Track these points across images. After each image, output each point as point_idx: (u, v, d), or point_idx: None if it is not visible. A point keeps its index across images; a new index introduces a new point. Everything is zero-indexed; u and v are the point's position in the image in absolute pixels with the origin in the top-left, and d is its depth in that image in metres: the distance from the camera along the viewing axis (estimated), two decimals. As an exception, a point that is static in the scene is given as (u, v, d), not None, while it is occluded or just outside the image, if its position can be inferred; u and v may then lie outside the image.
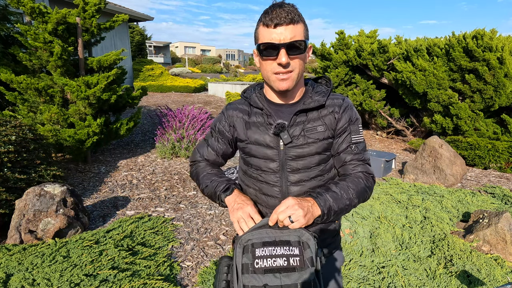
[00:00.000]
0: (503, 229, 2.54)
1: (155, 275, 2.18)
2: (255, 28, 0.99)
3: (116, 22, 4.58)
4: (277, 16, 0.90)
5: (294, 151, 1.02)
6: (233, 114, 1.12)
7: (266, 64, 0.96)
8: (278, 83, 0.97)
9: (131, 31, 18.31)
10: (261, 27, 0.94)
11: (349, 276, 2.26)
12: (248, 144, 1.07)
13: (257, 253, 0.79)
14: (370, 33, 7.22)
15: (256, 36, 0.97)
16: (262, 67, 0.99)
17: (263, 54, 0.94)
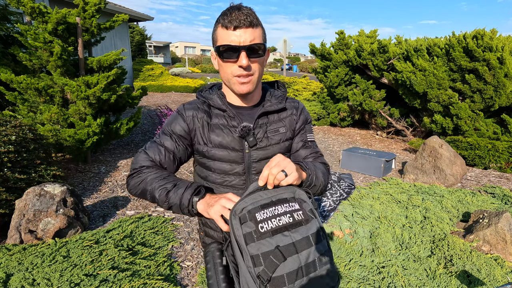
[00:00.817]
0: (503, 229, 2.54)
1: (155, 275, 2.18)
2: (213, 29, 0.97)
3: (116, 22, 4.58)
4: (236, 18, 0.90)
5: (259, 153, 1.03)
6: (194, 114, 1.03)
7: (226, 67, 0.95)
8: (239, 87, 0.97)
9: (131, 31, 18.32)
10: (220, 29, 0.93)
11: (349, 276, 2.26)
12: (212, 148, 1.02)
13: (258, 218, 0.75)
14: (370, 33, 7.22)
15: (215, 38, 0.96)
16: (222, 69, 0.98)
17: (223, 57, 0.93)
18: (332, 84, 7.17)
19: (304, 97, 9.22)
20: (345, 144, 6.35)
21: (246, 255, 0.72)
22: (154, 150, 1.02)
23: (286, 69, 31.36)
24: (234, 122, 1.02)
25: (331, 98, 7.82)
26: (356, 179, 4.45)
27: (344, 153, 4.88)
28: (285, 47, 16.58)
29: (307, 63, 37.69)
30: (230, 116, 1.03)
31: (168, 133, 1.05)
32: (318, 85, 10.94)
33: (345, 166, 4.88)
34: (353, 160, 4.77)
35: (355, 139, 6.83)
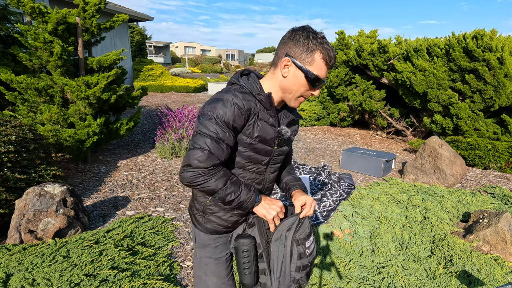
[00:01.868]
0: (503, 229, 2.54)
1: (155, 275, 2.18)
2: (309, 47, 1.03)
3: (116, 22, 4.58)
4: (334, 61, 1.07)
5: (281, 150, 1.23)
6: (252, 110, 1.07)
7: (302, 87, 1.08)
8: (295, 104, 1.14)
9: (131, 31, 18.32)
10: (320, 58, 1.04)
11: (349, 276, 2.26)
12: (257, 142, 1.12)
13: (307, 244, 1.13)
14: (370, 33, 7.22)
15: (308, 58, 1.03)
16: (296, 86, 1.08)
17: (310, 83, 1.06)
18: (332, 84, 7.17)
19: (304, 97, 9.21)
20: (345, 144, 6.35)
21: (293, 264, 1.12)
22: (219, 149, 1.03)
23: (286, 69, 31.24)
24: (273, 121, 1.14)
25: (331, 98, 7.82)
26: (356, 179, 4.45)
27: (344, 153, 4.88)
28: (285, 47, 16.56)
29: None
30: (271, 116, 1.13)
31: (224, 126, 1.03)
32: (318, 85, 10.93)
33: (345, 166, 4.88)
34: (353, 160, 4.77)
35: (355, 139, 6.83)
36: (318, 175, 4.32)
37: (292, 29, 1.07)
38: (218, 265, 1.29)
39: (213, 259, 1.28)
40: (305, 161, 5.18)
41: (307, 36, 1.02)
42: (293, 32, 1.05)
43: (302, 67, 1.03)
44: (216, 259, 1.28)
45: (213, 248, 1.28)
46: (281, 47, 1.07)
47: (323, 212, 3.34)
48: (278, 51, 1.08)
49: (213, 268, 1.29)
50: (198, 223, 1.28)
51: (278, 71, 1.08)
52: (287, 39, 1.06)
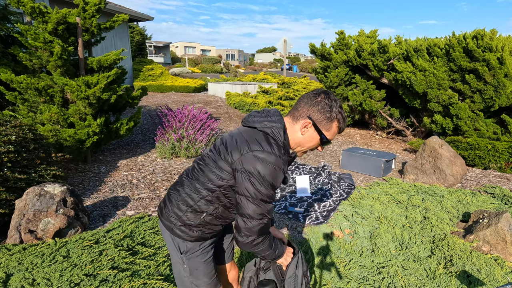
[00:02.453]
0: (503, 229, 2.54)
1: (155, 275, 2.18)
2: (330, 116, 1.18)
3: (116, 22, 4.58)
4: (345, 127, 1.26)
5: None
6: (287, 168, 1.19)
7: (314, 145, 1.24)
8: (301, 155, 1.31)
9: (131, 31, 18.32)
10: (336, 127, 1.21)
11: (349, 276, 2.26)
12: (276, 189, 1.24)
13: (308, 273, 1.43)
14: (370, 33, 7.22)
15: (327, 125, 1.19)
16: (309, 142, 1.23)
17: (322, 142, 1.23)
18: (332, 84, 7.17)
19: (304, 97, 9.21)
20: (345, 144, 6.35)
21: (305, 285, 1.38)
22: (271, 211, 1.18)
23: (286, 69, 31.36)
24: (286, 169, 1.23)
25: (331, 98, 7.81)
26: (356, 179, 4.45)
27: (344, 153, 4.88)
28: (285, 47, 16.58)
29: (307, 63, 37.70)
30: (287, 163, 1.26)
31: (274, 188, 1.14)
32: (318, 85, 10.94)
33: (345, 166, 4.88)
34: (353, 160, 4.77)
35: (355, 139, 6.84)
36: (318, 175, 4.32)
37: (316, 92, 1.20)
38: (207, 266, 1.34)
39: (202, 261, 1.32)
40: (305, 161, 5.18)
41: (330, 105, 1.17)
42: (317, 97, 1.18)
43: (321, 132, 1.19)
44: (205, 261, 1.34)
45: (201, 252, 1.32)
46: (304, 106, 1.19)
47: (323, 212, 3.34)
48: (300, 108, 1.20)
49: (204, 270, 1.33)
50: (183, 233, 1.28)
51: (297, 127, 1.21)
52: (311, 101, 1.18)
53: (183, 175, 1.35)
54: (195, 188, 1.24)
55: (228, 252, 1.61)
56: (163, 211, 1.34)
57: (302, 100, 1.20)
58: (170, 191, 1.36)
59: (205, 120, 5.47)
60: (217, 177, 1.18)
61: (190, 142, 4.95)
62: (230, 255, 1.62)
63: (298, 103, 1.21)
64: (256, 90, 11.29)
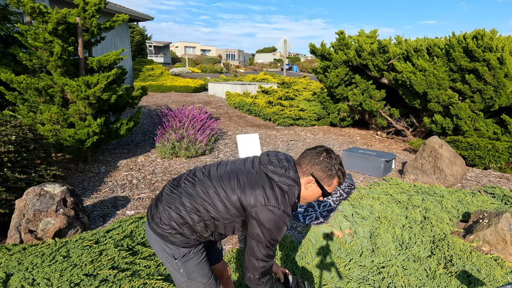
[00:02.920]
0: (503, 229, 2.54)
1: (155, 275, 2.18)
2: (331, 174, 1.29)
3: (116, 22, 4.58)
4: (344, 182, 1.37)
5: None
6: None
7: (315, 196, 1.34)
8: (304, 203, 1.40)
9: (131, 31, 18.31)
10: (336, 182, 1.31)
11: (349, 276, 2.26)
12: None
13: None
14: (370, 33, 7.22)
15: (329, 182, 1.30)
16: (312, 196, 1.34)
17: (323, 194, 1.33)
18: (332, 84, 7.17)
19: (304, 97, 9.22)
20: (345, 144, 6.35)
21: None
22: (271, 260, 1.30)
23: (286, 69, 31.35)
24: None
25: (331, 98, 7.82)
26: (356, 179, 4.45)
27: (344, 153, 4.88)
28: (285, 47, 16.58)
29: (307, 63, 37.68)
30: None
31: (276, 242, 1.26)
32: (318, 85, 10.94)
33: (345, 166, 4.88)
34: (353, 160, 4.77)
35: (355, 139, 6.84)
36: (318, 175, 4.31)
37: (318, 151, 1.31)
38: (203, 267, 1.36)
39: (197, 263, 1.34)
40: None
41: (331, 164, 1.28)
42: (320, 156, 1.29)
43: (323, 188, 1.30)
44: (200, 262, 1.36)
45: (194, 254, 1.34)
46: (307, 164, 1.30)
47: (323, 212, 3.34)
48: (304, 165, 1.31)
49: (200, 272, 1.35)
50: (178, 240, 1.29)
51: (302, 182, 1.31)
52: (314, 160, 1.29)
53: (182, 184, 1.31)
54: (195, 208, 1.24)
55: (219, 251, 1.68)
56: (155, 218, 1.29)
57: (306, 156, 1.32)
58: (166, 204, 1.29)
59: (205, 120, 5.47)
60: (225, 210, 1.25)
61: (190, 142, 4.95)
62: (220, 254, 1.70)
63: (302, 158, 1.33)
64: (256, 90, 11.29)
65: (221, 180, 1.26)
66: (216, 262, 1.66)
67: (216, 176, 1.29)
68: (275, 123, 8.11)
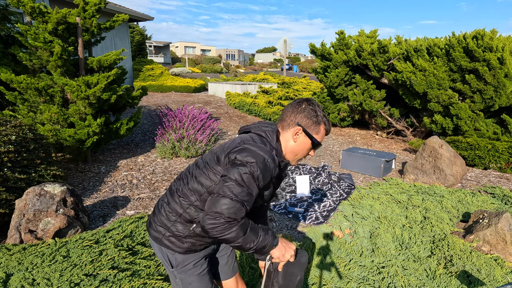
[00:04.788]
0: (503, 229, 2.54)
1: (155, 275, 2.18)
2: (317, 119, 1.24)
3: (116, 22, 4.58)
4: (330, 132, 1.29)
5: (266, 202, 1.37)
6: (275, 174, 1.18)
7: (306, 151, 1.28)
8: (296, 163, 1.32)
9: (131, 31, 18.31)
10: (323, 130, 1.27)
11: (349, 276, 2.26)
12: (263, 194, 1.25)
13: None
14: (370, 33, 7.22)
15: (315, 129, 1.25)
16: (301, 148, 1.27)
17: (313, 146, 1.28)
18: (332, 84, 7.17)
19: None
20: (345, 144, 6.35)
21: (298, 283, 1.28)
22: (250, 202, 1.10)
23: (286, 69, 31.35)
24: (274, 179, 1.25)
25: (331, 98, 7.82)
26: (356, 179, 4.45)
27: (344, 153, 4.88)
28: (285, 47, 16.58)
29: (307, 63, 37.69)
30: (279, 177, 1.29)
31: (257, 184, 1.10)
32: (318, 85, 10.94)
33: (345, 166, 4.88)
34: (353, 160, 4.77)
35: (355, 139, 6.83)
36: (318, 175, 4.31)
37: (299, 101, 1.26)
38: (202, 280, 1.29)
39: (195, 275, 1.27)
40: (305, 161, 5.18)
41: (314, 110, 1.24)
42: (301, 104, 1.24)
43: (311, 136, 1.24)
44: (199, 275, 1.28)
45: (193, 266, 1.27)
46: (290, 115, 1.25)
47: (323, 212, 3.34)
48: (286, 117, 1.25)
49: (198, 285, 1.28)
50: (172, 245, 1.25)
51: (289, 136, 1.25)
52: (296, 110, 1.24)
53: (172, 183, 1.33)
54: (184, 193, 1.22)
55: (230, 265, 1.50)
56: (151, 222, 1.30)
57: (287, 109, 1.27)
58: (159, 201, 1.34)
59: (205, 120, 5.47)
60: (206, 178, 1.18)
61: (190, 142, 4.95)
62: (232, 268, 1.51)
63: (283, 114, 1.28)
64: (256, 90, 11.29)
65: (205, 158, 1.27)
66: (226, 278, 1.51)
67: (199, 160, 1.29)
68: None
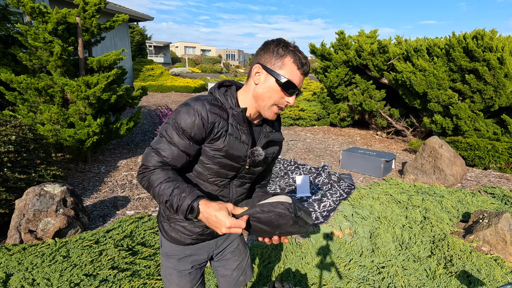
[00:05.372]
0: (503, 229, 2.54)
1: (155, 275, 2.18)
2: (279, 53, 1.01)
3: (116, 22, 4.58)
4: (307, 67, 1.02)
5: (253, 169, 1.16)
6: (215, 122, 1.02)
7: (276, 94, 1.02)
8: (272, 114, 1.07)
9: (131, 31, 18.31)
10: (290, 62, 1.00)
11: (349, 276, 2.26)
12: (222, 157, 1.06)
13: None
14: (370, 33, 7.22)
15: (279, 63, 1.01)
16: (269, 94, 1.03)
17: (284, 88, 1.01)
18: (332, 84, 7.17)
19: (304, 97, 9.22)
20: (345, 144, 6.35)
21: None
22: (166, 151, 1.02)
23: (286, 69, 31.24)
24: (246, 139, 1.07)
25: (331, 98, 7.82)
26: (356, 179, 4.45)
27: (344, 153, 4.88)
28: (285, 47, 16.54)
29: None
30: (244, 132, 1.07)
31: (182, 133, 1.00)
32: (318, 85, 10.94)
33: (345, 166, 4.88)
34: (353, 160, 4.77)
35: (355, 139, 6.83)
36: (318, 175, 4.31)
37: (265, 41, 1.06)
38: (180, 278, 1.21)
39: (176, 270, 1.21)
40: (305, 161, 5.18)
41: (277, 44, 1.02)
42: (265, 43, 1.05)
43: (272, 71, 1.00)
44: (179, 272, 1.21)
45: (177, 260, 1.21)
46: (254, 59, 1.07)
47: (323, 212, 3.34)
48: (252, 63, 1.07)
49: (175, 280, 1.22)
50: (163, 231, 1.21)
51: (251, 80, 1.05)
52: (259, 50, 1.06)
53: None
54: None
55: (233, 279, 1.32)
56: (158, 209, 1.31)
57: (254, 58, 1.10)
58: None
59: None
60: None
61: (190, 142, 4.95)
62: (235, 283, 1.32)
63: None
64: (256, 90, 11.27)
65: None
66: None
67: None
68: (275, 123, 8.11)
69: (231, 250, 1.31)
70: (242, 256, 1.33)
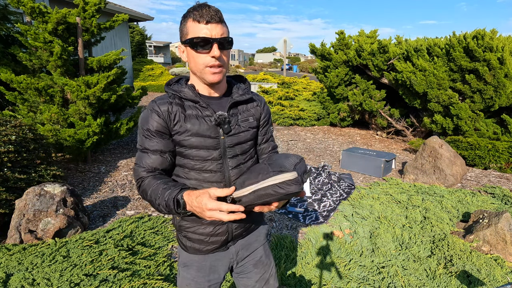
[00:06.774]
0: (503, 229, 2.54)
1: (155, 275, 2.18)
2: (182, 24, 1.03)
3: (116, 22, 4.58)
4: (208, 13, 0.98)
5: (233, 139, 1.12)
6: (168, 109, 1.06)
7: (199, 58, 1.02)
8: (211, 76, 1.04)
9: (131, 31, 18.31)
10: (191, 22, 0.99)
11: (349, 276, 2.26)
12: (190, 137, 1.07)
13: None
14: (370, 33, 7.22)
15: (185, 31, 1.02)
16: (193, 61, 1.04)
17: (196, 48, 1.00)
18: (332, 84, 7.17)
19: (304, 97, 9.22)
20: (345, 144, 6.35)
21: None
22: (143, 159, 1.08)
23: (286, 69, 31.34)
24: (207, 112, 1.08)
25: (331, 98, 7.82)
26: (356, 179, 4.45)
27: (344, 153, 4.88)
28: (285, 47, 16.58)
29: (307, 63, 37.69)
30: (202, 106, 1.08)
31: (147, 134, 1.07)
32: (318, 85, 10.94)
33: (345, 166, 4.88)
34: (353, 160, 4.77)
35: (355, 139, 6.83)
36: (318, 175, 4.31)
37: None
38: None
39: (194, 281, 1.18)
40: (305, 161, 5.18)
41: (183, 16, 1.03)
42: None
43: (184, 41, 1.03)
44: (197, 284, 1.18)
45: (195, 269, 1.18)
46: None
47: (323, 212, 3.34)
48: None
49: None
50: (179, 240, 1.21)
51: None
52: None
53: None
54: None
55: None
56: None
57: None
58: None
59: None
60: None
61: (190, 142, 4.95)
62: None
63: None
64: (256, 90, 11.29)
65: None
66: None
67: None
68: (275, 123, 8.11)
69: (253, 263, 1.26)
70: (265, 268, 1.28)
